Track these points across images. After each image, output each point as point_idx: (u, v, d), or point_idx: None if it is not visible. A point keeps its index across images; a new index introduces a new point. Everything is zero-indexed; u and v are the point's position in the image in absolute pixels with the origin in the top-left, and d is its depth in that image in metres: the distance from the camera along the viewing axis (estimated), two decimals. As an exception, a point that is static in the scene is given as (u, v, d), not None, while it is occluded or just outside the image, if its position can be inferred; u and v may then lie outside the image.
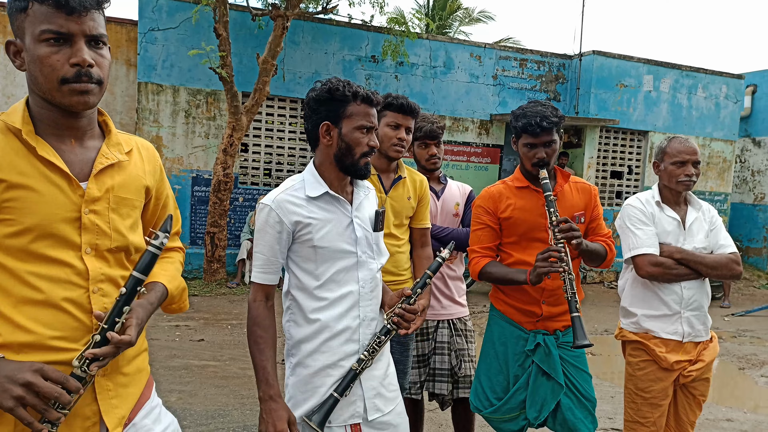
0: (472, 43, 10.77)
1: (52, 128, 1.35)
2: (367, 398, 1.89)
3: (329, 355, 1.85)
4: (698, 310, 2.65)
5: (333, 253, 1.85)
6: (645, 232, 2.64)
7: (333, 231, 1.85)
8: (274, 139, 9.62)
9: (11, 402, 1.18)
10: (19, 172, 1.27)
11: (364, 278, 1.91)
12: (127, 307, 1.33)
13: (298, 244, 1.85)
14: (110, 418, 1.37)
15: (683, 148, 2.66)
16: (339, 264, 1.87)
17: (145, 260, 1.37)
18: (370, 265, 1.93)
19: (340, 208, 1.89)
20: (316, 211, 1.85)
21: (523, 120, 2.40)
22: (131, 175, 1.45)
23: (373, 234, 1.96)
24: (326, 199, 1.87)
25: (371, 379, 1.91)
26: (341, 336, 1.86)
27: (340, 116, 1.84)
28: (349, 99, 1.83)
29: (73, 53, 1.27)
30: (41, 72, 1.28)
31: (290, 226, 1.82)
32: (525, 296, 2.48)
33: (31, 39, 1.27)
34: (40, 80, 1.29)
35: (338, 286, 1.87)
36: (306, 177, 1.90)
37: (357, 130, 1.84)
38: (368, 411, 1.88)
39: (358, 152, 1.85)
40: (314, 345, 1.85)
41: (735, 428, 4.30)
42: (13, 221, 1.26)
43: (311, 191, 1.86)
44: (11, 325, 1.26)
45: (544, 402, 2.44)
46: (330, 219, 1.86)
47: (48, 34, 1.26)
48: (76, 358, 1.28)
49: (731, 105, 11.94)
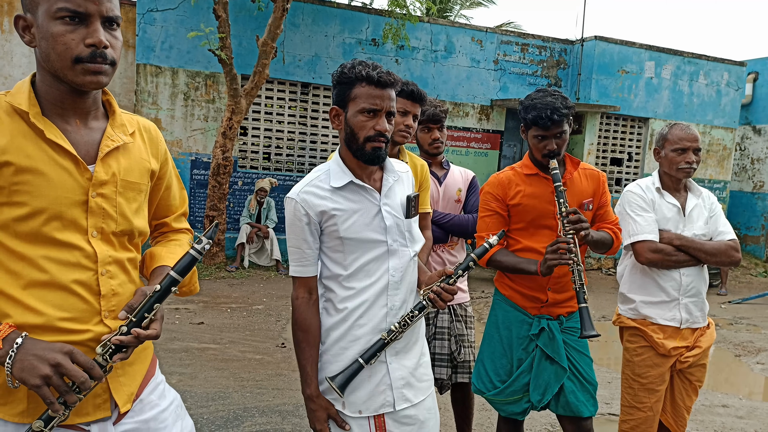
0: (474, 27, 10.68)
1: (58, 108, 1.33)
2: (395, 388, 1.85)
3: (357, 344, 1.83)
4: (696, 296, 2.66)
5: (361, 243, 1.81)
6: (645, 219, 2.65)
7: (360, 221, 1.80)
8: (274, 122, 9.57)
9: (38, 380, 1.19)
10: (27, 156, 1.27)
11: (395, 267, 1.85)
12: (158, 305, 1.35)
13: (326, 235, 1.82)
14: (119, 395, 1.39)
15: (684, 135, 2.66)
16: (369, 254, 1.82)
17: (185, 262, 1.38)
18: (401, 254, 1.87)
19: (367, 197, 1.83)
20: (341, 201, 1.80)
21: (533, 112, 2.37)
22: (136, 158, 1.44)
23: (405, 221, 1.89)
24: (351, 188, 1.82)
25: (401, 369, 1.87)
26: (368, 325, 1.83)
27: (346, 99, 1.79)
28: (353, 81, 1.75)
29: (89, 33, 1.26)
30: (54, 50, 1.25)
31: (316, 218, 1.79)
32: (531, 282, 2.49)
33: (46, 15, 1.25)
34: (52, 57, 1.27)
35: (367, 276, 1.83)
36: (331, 167, 1.85)
37: (360, 114, 1.76)
38: (396, 401, 1.85)
39: (362, 136, 1.77)
40: (341, 332, 1.84)
41: (730, 414, 4.34)
42: (23, 204, 1.26)
43: (335, 181, 1.81)
44: (21, 307, 1.27)
45: (548, 385, 2.47)
46: (356, 209, 1.81)
47: (65, 11, 1.23)
48: (100, 345, 1.30)
49: (732, 92, 11.90)
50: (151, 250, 1.57)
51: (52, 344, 1.24)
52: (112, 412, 1.39)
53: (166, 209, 1.63)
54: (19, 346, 1.21)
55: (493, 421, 3.87)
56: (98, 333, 1.34)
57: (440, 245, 2.97)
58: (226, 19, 7.85)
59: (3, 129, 1.27)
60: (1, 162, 1.24)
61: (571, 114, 2.41)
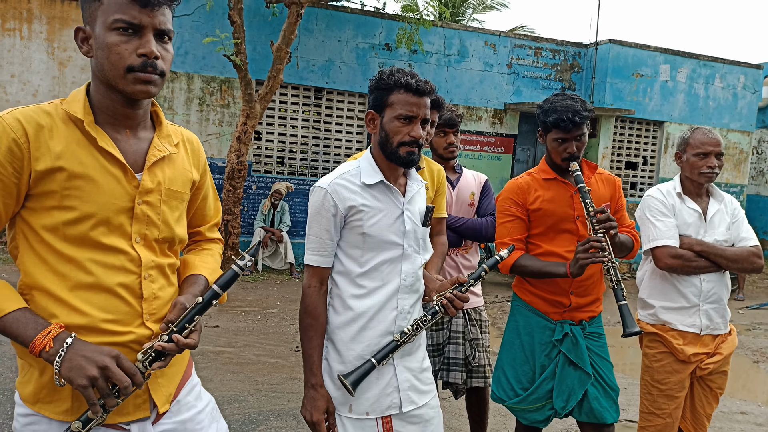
0: (487, 31, 10.67)
1: (110, 117, 1.39)
2: (402, 390, 1.88)
3: (365, 346, 1.85)
4: (717, 302, 2.63)
5: (380, 242, 1.85)
6: (665, 224, 2.62)
7: (383, 220, 1.85)
8: (288, 127, 9.62)
9: (85, 381, 1.24)
10: (80, 162, 1.32)
11: (407, 271, 1.90)
12: (198, 316, 1.41)
13: (347, 230, 1.85)
14: (158, 395, 1.44)
15: (706, 139, 2.63)
16: (384, 254, 1.86)
17: (227, 277, 1.45)
18: (414, 259, 1.92)
19: (393, 199, 1.88)
20: (370, 198, 1.84)
21: (554, 115, 2.36)
22: (179, 169, 1.50)
23: (421, 229, 1.95)
24: (380, 188, 1.87)
25: (406, 371, 1.91)
26: (377, 327, 1.86)
27: (383, 105, 1.84)
28: (392, 87, 1.81)
29: (141, 44, 1.32)
30: (108, 59, 1.31)
31: (344, 211, 1.82)
32: (553, 287, 2.46)
33: (102, 27, 1.31)
34: (106, 67, 1.32)
35: (380, 276, 1.86)
36: (362, 164, 1.89)
37: (396, 119, 1.81)
38: (403, 403, 1.88)
39: (396, 141, 1.82)
40: (350, 334, 1.86)
41: (749, 421, 4.28)
42: (73, 209, 1.31)
43: (367, 178, 1.85)
44: (67, 308, 1.32)
45: (572, 391, 2.44)
46: (382, 208, 1.85)
47: (120, 23, 1.30)
48: (141, 353, 1.35)
49: (749, 95, 11.77)
50: (184, 257, 1.61)
51: (100, 347, 1.29)
52: (151, 412, 1.44)
53: (201, 218, 1.67)
54: (69, 346, 1.26)
55: (508, 426, 3.85)
56: (140, 335, 1.38)
57: (454, 249, 2.98)
58: (241, 24, 7.92)
59: (59, 136, 1.32)
60: (56, 167, 1.30)
61: (591, 117, 2.40)
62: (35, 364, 1.34)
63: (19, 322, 1.26)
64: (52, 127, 1.32)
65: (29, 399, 1.35)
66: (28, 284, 1.34)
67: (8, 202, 1.30)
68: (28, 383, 1.35)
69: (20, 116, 1.30)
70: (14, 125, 1.28)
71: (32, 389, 1.35)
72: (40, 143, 1.30)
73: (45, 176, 1.30)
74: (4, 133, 1.27)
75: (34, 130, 1.30)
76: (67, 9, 9.57)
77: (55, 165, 1.30)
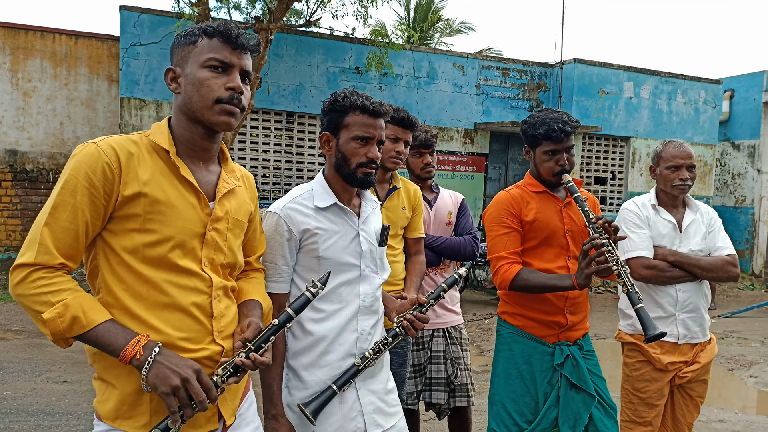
0: (455, 54, 10.85)
1: (188, 149, 1.52)
2: (366, 413, 1.84)
3: (327, 370, 1.82)
4: (694, 312, 2.66)
5: (336, 265, 1.83)
6: (639, 236, 2.66)
7: (339, 243, 1.83)
8: (259, 152, 9.59)
9: (169, 389, 1.33)
10: (162, 189, 1.44)
11: (366, 292, 1.88)
12: (273, 337, 1.53)
13: (303, 254, 1.83)
14: (225, 409, 1.53)
15: (677, 152, 2.68)
16: (342, 276, 1.84)
17: (301, 302, 1.59)
18: (372, 280, 1.91)
19: (348, 221, 1.87)
20: (324, 221, 1.83)
21: (544, 127, 2.30)
22: (241, 201, 1.63)
23: (378, 249, 1.94)
24: (334, 210, 1.86)
25: (370, 394, 1.87)
26: (339, 350, 1.83)
27: (338, 126, 1.84)
28: (347, 109, 1.81)
29: (229, 80, 1.49)
30: (199, 91, 1.47)
31: (298, 235, 1.80)
32: (548, 306, 2.35)
33: (195, 65, 1.48)
34: (194, 99, 1.47)
35: (339, 299, 1.84)
36: (315, 187, 1.88)
37: (353, 141, 1.81)
38: (368, 427, 1.84)
39: (354, 162, 1.82)
40: (311, 358, 1.82)
41: (728, 429, 4.32)
42: (153, 231, 1.42)
43: (320, 202, 1.84)
44: (145, 326, 1.41)
45: (578, 416, 2.31)
46: (337, 230, 1.84)
47: (213, 61, 1.47)
48: (221, 367, 1.45)
49: (710, 110, 12.15)
50: (237, 284, 1.68)
51: (185, 359, 1.39)
52: (218, 424, 1.53)
53: (251, 249, 1.75)
54: (156, 354, 1.35)
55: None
56: (213, 351, 1.48)
57: (433, 268, 2.97)
58: (210, 51, 7.90)
59: (146, 165, 1.44)
60: (142, 192, 1.41)
61: (576, 129, 2.36)
62: (115, 383, 1.41)
63: (109, 332, 1.35)
64: (139, 156, 1.44)
65: (109, 416, 1.42)
66: (109, 302, 1.42)
67: (96, 222, 1.40)
68: (108, 401, 1.42)
69: (114, 143, 1.41)
70: (108, 151, 1.39)
71: (112, 406, 1.41)
72: (130, 169, 1.41)
73: (131, 200, 1.40)
74: (100, 158, 1.38)
75: (126, 157, 1.41)
76: (31, 39, 9.44)
77: (141, 191, 1.41)
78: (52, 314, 1.31)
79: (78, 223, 1.37)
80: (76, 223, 1.36)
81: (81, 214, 1.37)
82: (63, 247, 1.36)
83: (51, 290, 1.33)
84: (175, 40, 1.55)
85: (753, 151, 13.17)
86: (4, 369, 5.07)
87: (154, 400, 1.41)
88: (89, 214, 1.37)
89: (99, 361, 1.43)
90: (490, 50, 18.73)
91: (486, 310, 8.55)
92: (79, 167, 1.37)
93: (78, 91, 9.71)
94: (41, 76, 9.52)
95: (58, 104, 9.62)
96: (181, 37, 1.53)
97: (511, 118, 10.88)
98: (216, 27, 1.49)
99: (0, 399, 4.35)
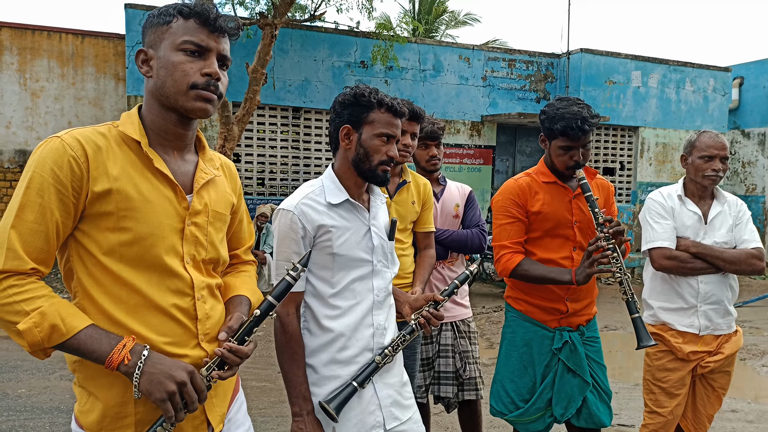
0: (461, 46, 10.80)
1: (161, 138, 1.42)
2: (384, 407, 1.86)
3: (346, 366, 1.82)
4: (717, 303, 2.64)
5: (350, 261, 1.83)
6: (662, 226, 2.65)
7: (352, 239, 1.83)
8: (267, 148, 9.60)
9: (165, 395, 1.26)
10: (134, 184, 1.34)
11: (379, 287, 1.89)
12: (256, 328, 1.44)
13: (317, 251, 1.82)
14: (213, 415, 1.46)
15: (712, 142, 2.65)
16: (355, 272, 1.85)
17: (281, 288, 1.50)
18: (384, 274, 1.91)
19: (359, 216, 1.87)
20: (337, 218, 1.82)
21: (561, 122, 2.28)
22: (222, 191, 1.54)
23: (388, 243, 1.94)
24: (346, 206, 1.85)
25: (387, 388, 1.89)
26: (356, 346, 1.83)
27: (362, 121, 1.83)
28: (373, 105, 1.82)
29: (206, 65, 1.38)
30: (172, 76, 1.36)
31: (312, 232, 1.79)
32: (550, 294, 2.42)
33: (169, 47, 1.37)
34: (168, 84, 1.37)
35: (353, 295, 1.84)
36: (325, 183, 1.87)
37: (377, 138, 1.82)
38: (386, 420, 1.85)
39: (376, 159, 1.83)
40: (330, 355, 1.82)
41: (740, 419, 4.30)
42: (129, 230, 1.32)
43: (332, 198, 1.83)
44: (126, 331, 1.32)
45: (571, 399, 2.42)
46: (349, 227, 1.84)
47: (188, 44, 1.37)
48: (205, 368, 1.37)
49: (719, 98, 12.03)
50: (225, 279, 1.62)
51: (177, 362, 1.32)
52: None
53: (237, 241, 1.69)
54: (146, 358, 1.28)
55: (501, 438, 3.82)
56: (197, 356, 1.40)
57: (440, 262, 2.96)
58: (216, 47, 7.90)
59: (116, 158, 1.34)
60: (114, 189, 1.31)
61: (597, 124, 2.36)
62: (98, 394, 1.33)
63: (92, 338, 1.26)
64: (108, 149, 1.34)
65: (92, 428, 1.34)
66: (86, 307, 1.33)
67: (67, 222, 1.30)
68: (90, 412, 1.34)
69: (79, 136, 1.31)
70: (74, 145, 1.29)
71: (95, 418, 1.33)
72: (99, 164, 1.31)
73: (102, 197, 1.30)
74: (65, 153, 1.28)
75: (93, 150, 1.31)
76: (38, 39, 9.49)
77: (112, 187, 1.31)
78: (28, 324, 1.22)
79: (47, 223, 1.26)
80: (45, 224, 1.26)
81: (50, 214, 1.26)
82: (33, 250, 1.25)
83: (24, 298, 1.23)
84: (147, 19, 1.43)
85: (763, 139, 13.04)
86: (18, 367, 5.12)
87: (139, 411, 1.33)
88: (58, 214, 1.27)
89: (80, 369, 1.35)
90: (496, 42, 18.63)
91: (495, 302, 8.54)
92: (43, 163, 1.27)
93: (85, 90, 9.76)
94: (49, 76, 9.57)
95: (66, 104, 9.67)
96: (153, 16, 1.41)
97: (518, 110, 10.82)
98: (192, 7, 1.38)
99: (15, 397, 4.41)
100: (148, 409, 1.34)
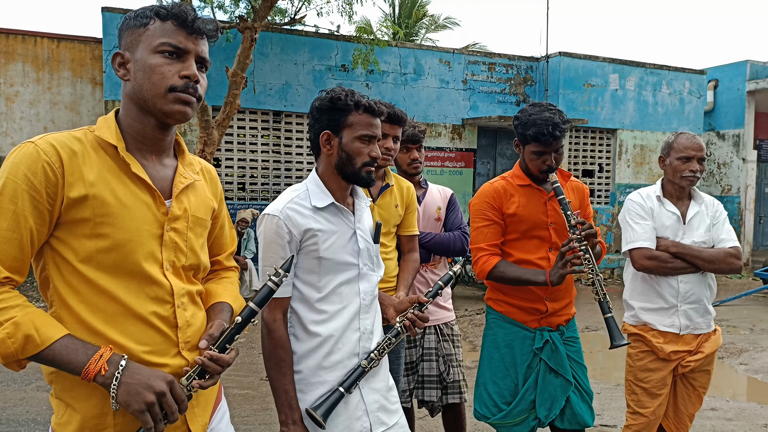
0: (441, 49, 10.84)
1: (138, 143, 1.39)
2: (371, 412, 1.85)
3: (333, 371, 1.81)
4: (697, 303, 2.67)
5: (336, 264, 1.82)
6: (642, 226, 2.68)
7: (338, 242, 1.82)
8: (247, 152, 9.53)
9: (144, 406, 1.23)
10: (111, 189, 1.31)
11: (365, 290, 1.88)
12: (238, 336, 1.41)
13: (303, 255, 1.80)
14: (195, 425, 1.43)
15: (689, 144, 2.69)
16: (341, 276, 1.84)
17: (263, 294, 1.46)
18: (370, 278, 1.91)
19: (344, 219, 1.87)
20: (323, 221, 1.81)
21: (533, 129, 2.33)
22: (202, 196, 1.51)
23: (373, 246, 1.94)
24: (332, 210, 1.84)
25: (373, 393, 1.88)
26: (343, 350, 1.82)
27: (341, 125, 1.82)
28: (350, 108, 1.81)
29: (184, 67, 1.36)
30: (150, 79, 1.33)
31: (298, 236, 1.78)
32: (529, 294, 2.45)
33: (146, 50, 1.34)
34: (145, 87, 1.34)
35: (340, 299, 1.83)
36: (310, 187, 1.86)
37: (358, 140, 1.82)
38: (373, 425, 1.84)
39: (359, 162, 1.82)
40: (316, 360, 1.81)
41: (720, 417, 4.36)
42: (106, 236, 1.29)
43: (317, 202, 1.82)
44: (105, 341, 1.29)
45: (554, 400, 2.43)
46: (335, 230, 1.83)
47: (166, 46, 1.34)
48: (185, 377, 1.34)
49: (695, 100, 12.23)
50: (206, 286, 1.60)
51: (156, 371, 1.29)
52: None
53: (219, 247, 1.66)
54: (124, 368, 1.25)
55: (486, 440, 3.82)
56: (177, 365, 1.37)
57: (423, 265, 2.96)
58: (195, 51, 7.83)
59: (92, 163, 1.31)
60: (90, 195, 1.28)
61: (568, 129, 2.41)
62: (75, 406, 1.30)
63: (68, 348, 1.23)
64: (84, 154, 1.30)
65: None
66: (63, 316, 1.30)
67: (41, 229, 1.27)
68: (68, 425, 1.30)
69: (54, 141, 1.28)
70: (48, 150, 1.26)
71: (73, 430, 1.30)
72: (74, 169, 1.28)
73: (78, 204, 1.27)
74: (39, 158, 1.25)
75: (68, 155, 1.28)
76: (12, 43, 9.33)
77: (88, 193, 1.28)
78: (1, 335, 1.19)
79: (21, 231, 1.23)
80: (19, 232, 1.23)
81: (24, 221, 1.23)
82: (6, 259, 1.22)
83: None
84: (123, 21, 1.40)
85: (738, 141, 13.29)
86: (-7, 378, 5.01)
87: (119, 423, 1.30)
88: (33, 221, 1.24)
89: (57, 380, 1.32)
90: (476, 45, 18.75)
91: (478, 305, 8.56)
92: (16, 169, 1.23)
93: (61, 95, 9.61)
94: (23, 81, 9.41)
95: (42, 108, 9.52)
96: (130, 18, 1.38)
97: (498, 113, 10.89)
98: (170, 9, 1.35)
99: (-11, 409, 4.30)
100: (127, 420, 1.31)
